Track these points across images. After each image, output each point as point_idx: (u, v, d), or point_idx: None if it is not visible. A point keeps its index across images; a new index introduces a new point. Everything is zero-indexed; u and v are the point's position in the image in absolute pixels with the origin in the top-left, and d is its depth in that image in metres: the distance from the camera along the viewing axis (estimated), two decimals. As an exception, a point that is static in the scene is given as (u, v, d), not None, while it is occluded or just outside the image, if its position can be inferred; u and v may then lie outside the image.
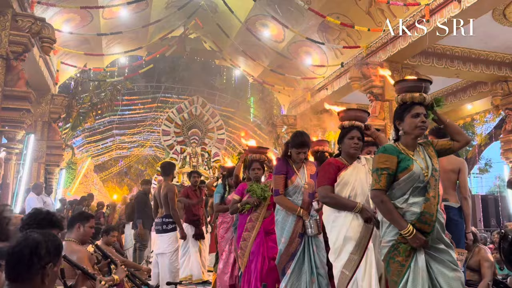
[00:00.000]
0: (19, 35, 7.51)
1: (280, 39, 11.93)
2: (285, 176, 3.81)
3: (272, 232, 4.20)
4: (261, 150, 4.75)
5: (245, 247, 4.29)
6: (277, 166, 3.94)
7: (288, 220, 3.71)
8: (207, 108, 13.35)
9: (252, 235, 4.29)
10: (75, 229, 3.29)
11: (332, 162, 3.18)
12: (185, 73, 18.91)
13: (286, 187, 3.79)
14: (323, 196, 3.06)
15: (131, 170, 25.73)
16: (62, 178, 13.16)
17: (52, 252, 1.72)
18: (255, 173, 4.53)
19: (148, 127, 19.83)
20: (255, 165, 4.58)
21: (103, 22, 10.93)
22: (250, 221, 4.34)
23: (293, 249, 3.63)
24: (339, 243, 2.93)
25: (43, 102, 10.78)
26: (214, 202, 5.54)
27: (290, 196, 3.77)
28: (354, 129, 3.15)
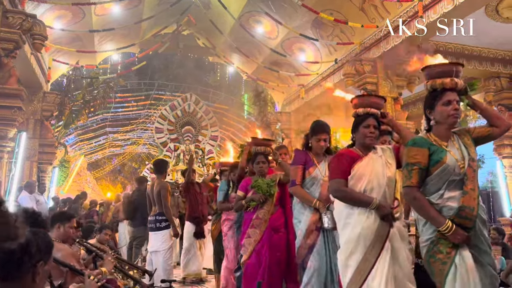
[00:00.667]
0: (10, 32, 7.42)
1: (274, 36, 11.90)
2: (303, 167, 3.63)
3: (279, 229, 4.07)
4: (266, 142, 4.49)
5: (249, 244, 4.07)
6: (295, 156, 3.75)
7: (304, 212, 3.57)
8: (200, 105, 13.32)
9: (258, 232, 4.07)
10: (55, 229, 3.28)
11: (345, 153, 2.93)
12: (179, 70, 18.82)
13: (304, 178, 3.62)
14: (335, 190, 2.82)
15: (125, 168, 25.61)
16: (55, 176, 13.07)
17: (43, 250, 1.70)
18: (260, 166, 4.28)
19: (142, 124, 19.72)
20: (259, 158, 4.33)
21: (95, 19, 10.83)
22: (257, 218, 4.12)
23: (311, 242, 3.49)
24: (352, 241, 2.70)
25: (35, 100, 10.68)
26: (218, 199, 5.35)
27: (308, 188, 3.61)
28: (369, 117, 2.91)
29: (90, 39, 11.49)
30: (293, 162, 3.72)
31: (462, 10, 7.13)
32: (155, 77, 18.97)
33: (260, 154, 4.35)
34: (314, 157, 3.70)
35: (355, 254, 2.68)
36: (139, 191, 7.89)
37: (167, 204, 5.48)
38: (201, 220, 6.62)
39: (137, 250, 7.49)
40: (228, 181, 5.26)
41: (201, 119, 13.17)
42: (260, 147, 4.39)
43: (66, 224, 3.31)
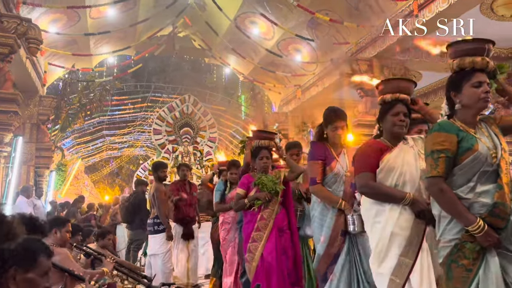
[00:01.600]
0: (4, 36, 7.39)
1: (270, 37, 11.90)
2: (323, 163, 3.17)
3: (285, 230, 3.77)
4: (269, 135, 4.10)
5: (255, 249, 3.68)
6: (313, 150, 3.28)
7: (327, 215, 3.11)
8: (198, 107, 13.26)
9: (264, 235, 3.69)
10: (52, 234, 3.28)
11: (372, 144, 2.59)
12: (175, 72, 18.82)
13: (325, 175, 3.18)
14: (363, 185, 2.48)
15: (122, 171, 25.57)
16: (52, 180, 13.03)
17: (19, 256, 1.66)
18: (264, 162, 3.89)
19: (139, 127, 19.69)
20: (263, 153, 3.93)
21: (91, 22, 10.81)
22: (262, 219, 3.73)
23: (336, 250, 3.02)
24: (383, 243, 2.35)
25: (31, 104, 10.64)
26: (214, 200, 5.08)
27: (329, 186, 3.16)
28: (398, 103, 2.55)
29: (86, 42, 11.47)
30: (312, 157, 3.24)
31: (457, 8, 7.15)
32: (152, 79, 18.94)
33: (264, 148, 3.95)
34: (332, 149, 3.26)
35: (387, 258, 2.34)
36: (136, 194, 7.87)
37: (160, 207, 5.46)
38: (188, 221, 6.24)
39: (134, 253, 7.46)
40: (225, 181, 5.03)
41: (200, 120, 13.12)
42: (264, 141, 3.98)
43: (62, 229, 3.31)
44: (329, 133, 3.29)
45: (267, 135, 4.11)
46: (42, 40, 8.43)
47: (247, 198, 3.89)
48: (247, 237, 3.76)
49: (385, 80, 2.71)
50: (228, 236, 4.83)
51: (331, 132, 3.27)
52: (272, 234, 3.70)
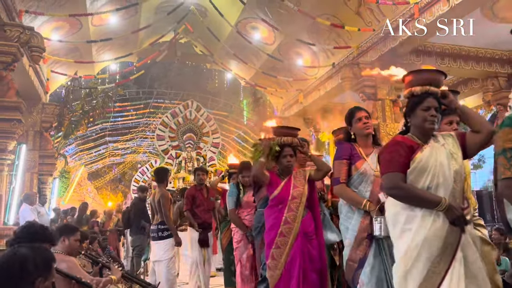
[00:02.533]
0: (7, 45, 7.43)
1: (271, 42, 11.93)
2: (348, 162, 3.03)
3: (311, 235, 3.49)
4: (293, 131, 3.77)
5: (279, 256, 3.37)
6: (338, 150, 3.14)
7: (353, 217, 2.93)
8: (201, 112, 13.26)
9: (289, 241, 3.39)
10: (60, 242, 3.26)
11: (401, 140, 2.36)
12: (177, 78, 18.89)
13: (350, 175, 3.02)
14: (392, 187, 2.25)
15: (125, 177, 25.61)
16: (56, 187, 13.05)
17: (41, 266, 1.70)
18: (288, 161, 3.58)
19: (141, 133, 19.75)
20: (287, 151, 3.60)
21: (93, 29, 10.86)
22: (286, 223, 3.43)
23: (362, 254, 2.85)
24: (413, 252, 2.15)
25: (34, 112, 10.68)
26: (229, 207, 4.82)
27: (355, 187, 2.99)
28: (428, 96, 2.36)
29: (88, 50, 11.52)
30: (337, 156, 3.09)
31: (458, 11, 7.16)
32: (154, 85, 19.03)
33: (287, 146, 3.63)
34: (360, 149, 3.08)
35: (416, 268, 2.13)
36: (136, 200, 7.93)
37: (167, 213, 5.46)
38: (206, 227, 6.14)
39: (137, 259, 7.43)
40: (237, 184, 4.77)
41: (203, 126, 13.11)
42: (287, 138, 3.65)
43: (71, 237, 3.30)
44: (356, 128, 3.11)
45: (289, 131, 3.77)
46: (45, 48, 8.47)
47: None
48: (270, 243, 3.46)
49: (414, 71, 2.51)
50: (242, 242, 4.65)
51: (357, 125, 3.09)
52: (297, 240, 3.42)
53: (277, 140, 3.64)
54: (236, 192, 4.75)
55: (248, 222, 4.56)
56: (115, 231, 9.86)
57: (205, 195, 6.20)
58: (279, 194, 3.55)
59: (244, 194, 4.71)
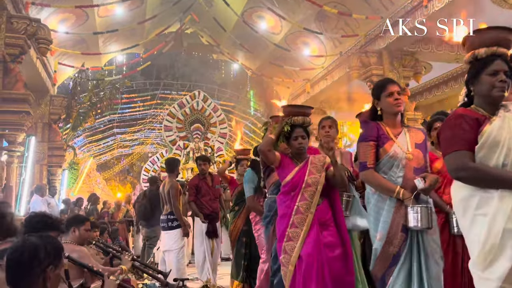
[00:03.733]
0: (14, 37, 7.46)
1: (278, 31, 11.86)
2: (376, 144, 2.62)
3: (329, 224, 3.11)
4: (305, 110, 3.41)
5: (291, 250, 3.02)
6: (363, 131, 2.76)
7: (383, 206, 2.55)
8: (208, 103, 13.17)
9: (302, 233, 3.03)
10: (71, 233, 3.31)
11: (464, 113, 1.99)
12: (184, 69, 18.87)
13: (378, 159, 2.63)
14: (458, 168, 1.91)
15: (134, 168, 25.76)
16: (65, 178, 13.17)
17: (52, 255, 1.71)
18: (299, 143, 3.23)
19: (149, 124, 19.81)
20: (298, 131, 3.25)
21: (99, 21, 10.86)
22: (298, 213, 3.06)
23: (395, 249, 2.47)
24: (493, 242, 1.79)
25: (42, 104, 10.75)
26: (247, 194, 4.48)
27: (385, 172, 2.60)
28: (496, 59, 2.01)
29: (95, 41, 11.53)
30: (362, 137, 2.70)
31: (468, -4, 7.05)
32: (161, 76, 19.03)
33: (298, 126, 3.27)
34: (388, 128, 2.67)
35: (498, 261, 1.79)
36: (151, 192, 7.90)
37: (176, 204, 5.48)
38: (214, 217, 6.02)
39: (150, 250, 7.49)
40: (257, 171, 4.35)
41: (210, 116, 13.05)
42: (298, 118, 3.29)
43: (81, 227, 3.34)
44: (385, 104, 2.68)
45: (301, 109, 3.40)
46: (52, 40, 8.49)
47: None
48: (281, 235, 3.11)
49: (477, 30, 2.13)
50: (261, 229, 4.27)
51: (386, 100, 2.66)
52: (312, 230, 3.03)
53: (288, 120, 3.28)
54: (255, 179, 4.35)
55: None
56: (124, 222, 9.94)
57: (210, 183, 6.06)
58: (292, 180, 3.18)
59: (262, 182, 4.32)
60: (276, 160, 3.24)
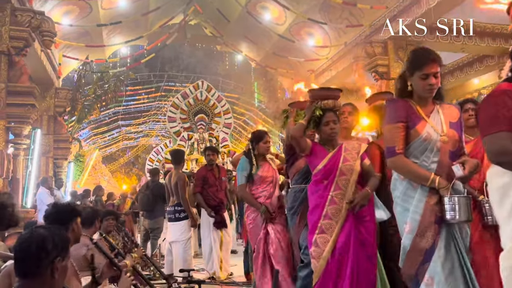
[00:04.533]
0: (19, 30, 7.47)
1: (282, 22, 11.79)
2: (405, 125, 2.28)
3: (364, 216, 2.89)
4: (335, 93, 3.17)
5: (324, 243, 2.81)
6: (390, 110, 2.39)
7: (414, 195, 2.25)
8: (212, 93, 13.01)
9: (337, 225, 2.83)
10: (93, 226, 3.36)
11: (508, 89, 1.77)
12: (188, 60, 18.86)
13: (408, 143, 2.29)
14: (500, 151, 1.69)
15: (139, 160, 25.88)
16: (71, 171, 13.25)
17: (60, 246, 1.73)
18: (331, 128, 3.00)
19: (153, 116, 19.86)
20: (329, 116, 3.02)
21: (102, 13, 10.84)
22: (333, 203, 2.85)
23: (428, 244, 2.18)
24: None
25: (47, 96, 10.78)
26: (238, 182, 4.27)
27: (416, 157, 2.28)
28: None
29: (99, 33, 11.53)
30: (388, 118, 2.36)
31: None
32: (165, 68, 19.06)
33: (329, 111, 3.05)
34: (419, 107, 2.33)
35: None
36: (155, 183, 7.92)
37: (184, 196, 5.51)
38: (221, 208, 5.89)
39: (154, 242, 7.50)
40: (250, 158, 4.22)
41: (214, 106, 12.90)
42: (328, 101, 3.07)
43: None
44: (416, 84, 2.31)
45: (331, 92, 3.16)
46: (56, 33, 8.49)
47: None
48: (313, 227, 2.91)
49: None
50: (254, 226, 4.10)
51: (420, 81, 2.29)
52: (347, 223, 2.83)
53: (318, 104, 3.06)
54: (248, 167, 4.19)
55: (264, 199, 4.06)
56: (130, 214, 10.00)
57: (217, 175, 5.99)
58: (324, 167, 2.94)
59: (258, 169, 4.17)
60: (307, 147, 3.02)
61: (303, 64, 12.71)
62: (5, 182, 7.30)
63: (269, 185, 4.16)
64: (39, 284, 1.68)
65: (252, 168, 4.17)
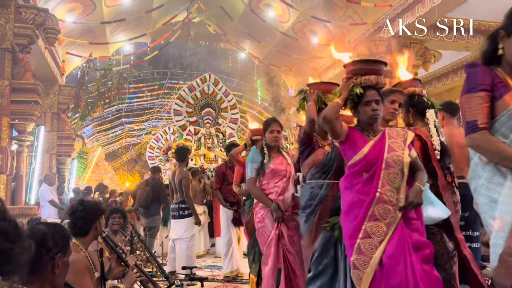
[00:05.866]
0: (23, 27, 7.48)
1: (285, 20, 11.77)
2: (490, 95, 1.86)
3: (411, 217, 2.45)
4: (378, 67, 2.67)
5: (371, 249, 2.35)
6: (471, 76, 1.96)
7: (504, 183, 1.78)
8: (219, 86, 12.52)
9: (387, 227, 2.36)
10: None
11: None
12: (191, 58, 18.87)
13: (493, 117, 1.86)
14: None
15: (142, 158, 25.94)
16: (74, 168, 13.29)
17: (60, 243, 1.74)
18: (372, 110, 2.53)
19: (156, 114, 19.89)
20: (371, 95, 2.53)
21: (106, 10, 10.86)
22: (381, 201, 2.38)
23: None
24: None
25: (51, 93, 10.81)
26: (247, 176, 3.79)
27: (505, 134, 1.82)
28: None
29: (102, 31, 11.54)
30: (468, 86, 1.95)
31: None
32: (168, 66, 19.07)
33: (370, 88, 2.54)
34: (506, 75, 1.89)
35: None
36: (155, 180, 7.91)
37: (188, 193, 5.53)
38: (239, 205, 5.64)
39: (151, 240, 7.41)
40: (262, 149, 3.77)
41: (221, 100, 12.40)
42: (370, 77, 2.55)
43: None
44: (509, 48, 1.85)
45: (374, 66, 2.62)
46: (60, 30, 8.50)
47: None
48: (354, 230, 2.42)
49: None
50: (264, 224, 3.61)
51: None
52: (399, 225, 2.38)
53: (357, 80, 2.56)
54: (258, 158, 3.71)
55: (275, 196, 3.58)
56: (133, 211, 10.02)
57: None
58: (365, 157, 2.48)
59: (270, 160, 3.69)
60: (343, 132, 2.55)
61: (306, 62, 12.69)
62: (9, 179, 7.33)
63: (282, 180, 3.65)
64: (40, 280, 1.69)
65: (264, 159, 3.68)
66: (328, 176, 3.00)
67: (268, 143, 3.75)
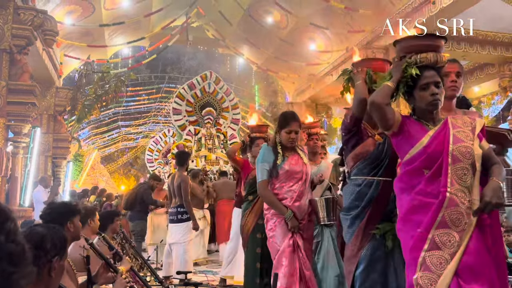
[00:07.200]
0: (21, 29, 7.47)
1: (284, 26, 11.82)
2: None
3: (488, 224, 2.00)
4: (437, 43, 2.19)
5: (441, 262, 1.89)
6: None
7: None
8: (221, 85, 12.05)
9: (460, 236, 1.91)
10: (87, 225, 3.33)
11: None
12: (189, 62, 18.88)
13: None
14: None
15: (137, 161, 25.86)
16: (70, 170, 13.23)
17: (58, 245, 1.73)
18: (431, 93, 2.08)
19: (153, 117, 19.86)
20: (429, 76, 2.10)
21: (105, 13, 10.86)
22: (453, 205, 1.93)
23: None
24: None
25: (48, 95, 10.77)
26: (259, 178, 3.26)
27: None
28: None
29: (101, 34, 11.54)
30: None
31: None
32: (166, 70, 19.08)
33: (429, 69, 2.12)
34: None
35: None
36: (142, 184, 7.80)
37: (187, 198, 5.50)
38: None
39: (139, 244, 7.20)
40: (275, 146, 3.27)
41: (222, 100, 11.88)
42: (428, 55, 2.11)
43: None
44: None
45: (432, 42, 2.17)
46: (58, 32, 8.50)
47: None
48: (417, 239, 1.96)
49: None
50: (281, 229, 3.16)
51: None
52: (474, 233, 1.93)
53: (412, 59, 2.13)
54: (271, 157, 3.21)
55: (291, 202, 3.14)
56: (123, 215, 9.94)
57: None
58: (425, 150, 2.04)
59: (284, 161, 3.21)
60: (396, 120, 2.11)
61: (304, 68, 12.73)
62: (4, 180, 7.28)
63: (298, 183, 3.20)
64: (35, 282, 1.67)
65: (277, 159, 3.20)
66: (379, 172, 2.46)
67: (283, 143, 3.25)
